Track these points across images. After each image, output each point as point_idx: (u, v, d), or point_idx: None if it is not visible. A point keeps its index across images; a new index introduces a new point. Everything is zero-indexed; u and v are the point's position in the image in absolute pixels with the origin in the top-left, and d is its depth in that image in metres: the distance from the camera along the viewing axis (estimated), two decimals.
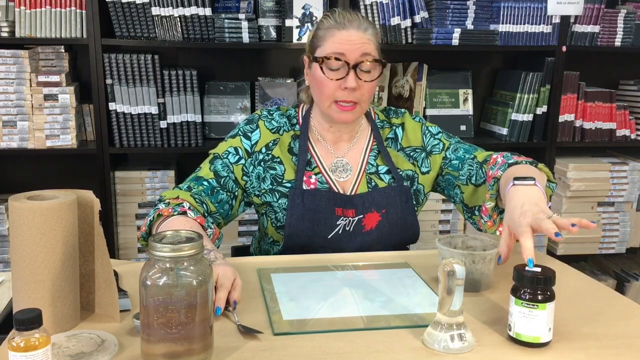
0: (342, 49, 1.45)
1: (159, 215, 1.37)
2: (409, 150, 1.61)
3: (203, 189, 1.46)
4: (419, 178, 1.59)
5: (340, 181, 1.54)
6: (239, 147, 1.53)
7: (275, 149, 1.54)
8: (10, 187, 2.47)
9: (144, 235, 1.39)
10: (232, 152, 1.52)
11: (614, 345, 1.02)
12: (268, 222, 1.53)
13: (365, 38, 1.47)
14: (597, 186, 2.75)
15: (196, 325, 0.91)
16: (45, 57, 2.41)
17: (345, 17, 1.48)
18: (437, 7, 2.54)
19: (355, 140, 1.59)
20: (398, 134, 1.62)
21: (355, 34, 1.46)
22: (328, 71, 1.46)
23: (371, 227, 1.51)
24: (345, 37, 1.46)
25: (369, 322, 1.09)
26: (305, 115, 1.59)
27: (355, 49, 1.45)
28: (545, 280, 0.98)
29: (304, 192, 1.48)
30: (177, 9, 2.38)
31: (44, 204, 1.00)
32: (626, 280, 2.92)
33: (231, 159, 1.52)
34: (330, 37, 1.47)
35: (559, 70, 2.65)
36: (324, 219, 1.48)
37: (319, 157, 1.55)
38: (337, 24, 1.48)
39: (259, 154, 1.53)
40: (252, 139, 1.54)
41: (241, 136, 1.54)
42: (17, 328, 0.83)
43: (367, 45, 1.46)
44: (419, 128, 1.63)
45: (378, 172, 1.56)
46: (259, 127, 1.55)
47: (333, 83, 1.46)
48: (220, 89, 2.61)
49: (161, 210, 1.36)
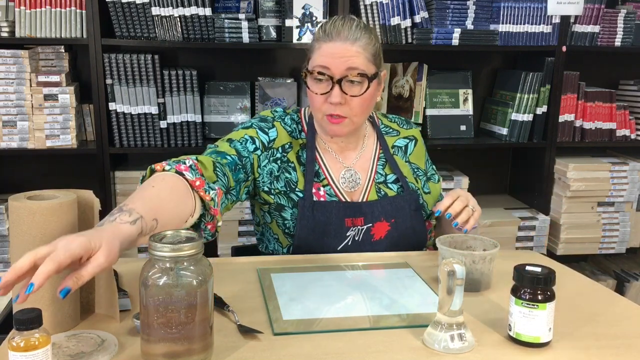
0: (326, 62, 1.40)
1: (151, 172, 1.19)
2: (414, 166, 1.61)
3: (227, 162, 1.37)
4: (422, 196, 1.58)
5: (349, 192, 1.52)
6: (256, 138, 1.47)
7: (291, 153, 1.50)
8: (10, 187, 2.47)
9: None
10: (249, 140, 1.46)
11: (614, 345, 1.02)
12: (273, 220, 1.50)
13: (352, 51, 1.40)
14: (597, 186, 2.74)
15: (196, 325, 0.91)
16: (45, 57, 2.41)
17: (335, 27, 1.42)
18: (437, 7, 2.54)
19: (363, 149, 1.57)
20: (409, 147, 1.62)
21: (341, 47, 1.40)
22: (313, 85, 1.43)
23: (380, 236, 1.49)
24: (330, 50, 1.41)
25: (369, 322, 1.09)
26: (310, 121, 1.56)
27: (341, 62, 1.40)
28: (545, 280, 0.98)
29: (314, 204, 1.45)
30: (177, 9, 2.38)
31: (44, 204, 1.00)
32: (626, 280, 2.92)
33: (249, 146, 1.46)
34: (317, 49, 1.43)
35: (559, 70, 2.65)
36: (334, 231, 1.46)
37: (328, 169, 1.52)
38: (324, 35, 1.42)
39: (276, 151, 1.48)
40: (270, 135, 1.49)
41: (257, 129, 1.49)
42: (17, 328, 0.83)
43: (353, 58, 1.40)
44: (424, 152, 1.66)
45: (386, 182, 1.55)
46: (276, 127, 1.51)
47: (320, 97, 1.43)
48: (220, 89, 2.61)
49: (155, 165, 1.19)
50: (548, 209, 2.79)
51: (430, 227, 1.61)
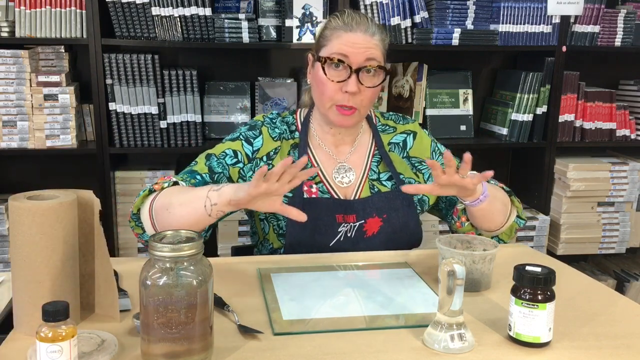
0: (346, 50, 1.42)
1: (150, 192, 1.36)
2: (415, 160, 1.60)
3: (195, 183, 1.42)
4: None
5: (343, 187, 1.52)
6: (239, 151, 1.50)
7: (276, 158, 1.51)
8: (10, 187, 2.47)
9: (132, 215, 1.38)
10: (230, 155, 1.50)
11: (614, 345, 1.02)
12: (270, 228, 1.50)
13: (372, 42, 1.44)
14: (597, 186, 2.75)
15: (196, 325, 0.91)
16: (45, 57, 2.41)
17: (353, 18, 1.45)
18: (437, 7, 2.54)
19: (356, 144, 1.58)
20: (408, 141, 1.61)
21: (362, 37, 1.43)
22: (330, 72, 1.44)
23: (373, 232, 1.49)
24: (351, 40, 1.43)
25: (369, 322, 1.09)
26: (305, 120, 1.57)
27: (360, 52, 1.42)
28: (545, 280, 0.98)
29: (303, 202, 1.46)
30: (177, 9, 2.38)
31: (44, 204, 1.00)
32: (626, 280, 2.92)
33: (228, 161, 1.49)
34: (335, 38, 1.44)
35: (559, 70, 2.65)
36: (325, 227, 1.46)
37: (320, 167, 1.53)
38: (344, 25, 1.45)
39: (260, 160, 1.51)
40: (254, 145, 1.51)
41: (243, 140, 1.51)
42: (45, 319, 0.86)
43: (372, 50, 1.43)
44: (429, 144, 1.63)
45: (380, 179, 1.55)
46: (262, 134, 1.52)
47: (334, 85, 1.43)
48: (220, 89, 2.61)
49: (153, 185, 1.36)
50: (548, 209, 2.79)
51: (457, 213, 1.56)
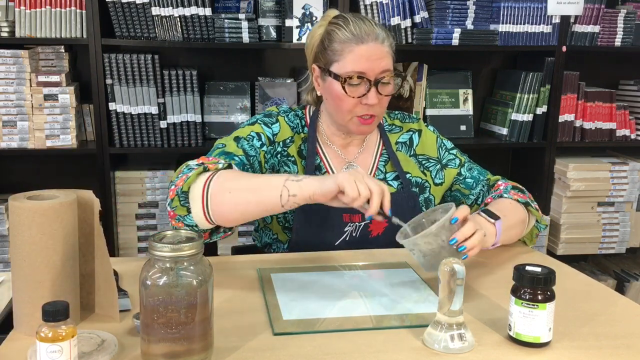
0: (363, 67, 1.40)
1: (205, 169, 1.26)
2: (422, 158, 1.61)
3: (236, 164, 1.36)
4: (430, 188, 1.58)
5: None
6: (262, 133, 1.47)
7: (292, 147, 1.51)
8: (10, 187, 2.47)
9: (179, 193, 1.22)
10: (256, 137, 1.46)
11: (614, 345, 1.02)
12: (273, 218, 1.50)
13: (384, 51, 1.42)
14: (597, 186, 2.74)
15: (196, 325, 0.91)
16: (45, 57, 2.41)
17: (361, 27, 1.42)
18: (437, 7, 2.54)
19: (365, 145, 1.58)
20: (414, 139, 1.62)
21: (374, 48, 1.41)
22: (350, 89, 1.42)
23: (378, 233, 1.50)
24: (365, 53, 1.40)
25: (369, 322, 1.09)
26: (313, 116, 1.57)
27: (376, 65, 1.41)
28: (545, 280, 0.98)
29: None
30: (177, 9, 2.38)
31: (44, 204, 1.00)
32: (626, 280, 2.92)
33: (256, 143, 1.46)
34: (348, 53, 1.41)
35: (559, 70, 2.65)
36: (331, 226, 1.47)
37: (329, 162, 1.53)
38: (354, 37, 1.41)
39: (278, 145, 1.49)
40: (273, 129, 1.50)
41: (262, 124, 1.49)
42: (44, 319, 0.86)
43: (386, 60, 1.42)
44: (435, 140, 1.63)
45: (386, 180, 1.56)
46: (279, 122, 1.51)
47: (353, 100, 1.42)
48: (220, 89, 2.61)
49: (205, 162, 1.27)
50: (548, 209, 2.79)
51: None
